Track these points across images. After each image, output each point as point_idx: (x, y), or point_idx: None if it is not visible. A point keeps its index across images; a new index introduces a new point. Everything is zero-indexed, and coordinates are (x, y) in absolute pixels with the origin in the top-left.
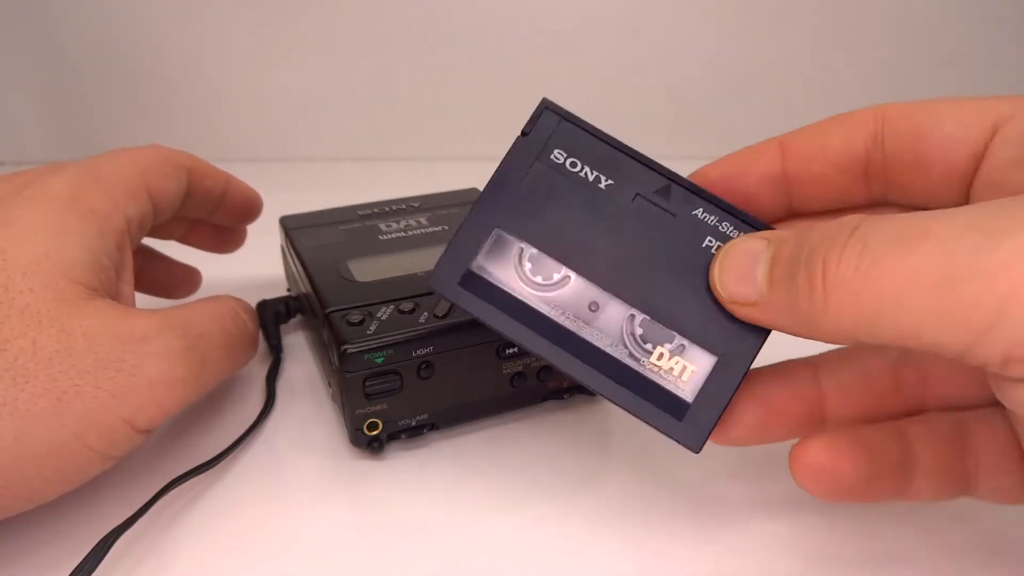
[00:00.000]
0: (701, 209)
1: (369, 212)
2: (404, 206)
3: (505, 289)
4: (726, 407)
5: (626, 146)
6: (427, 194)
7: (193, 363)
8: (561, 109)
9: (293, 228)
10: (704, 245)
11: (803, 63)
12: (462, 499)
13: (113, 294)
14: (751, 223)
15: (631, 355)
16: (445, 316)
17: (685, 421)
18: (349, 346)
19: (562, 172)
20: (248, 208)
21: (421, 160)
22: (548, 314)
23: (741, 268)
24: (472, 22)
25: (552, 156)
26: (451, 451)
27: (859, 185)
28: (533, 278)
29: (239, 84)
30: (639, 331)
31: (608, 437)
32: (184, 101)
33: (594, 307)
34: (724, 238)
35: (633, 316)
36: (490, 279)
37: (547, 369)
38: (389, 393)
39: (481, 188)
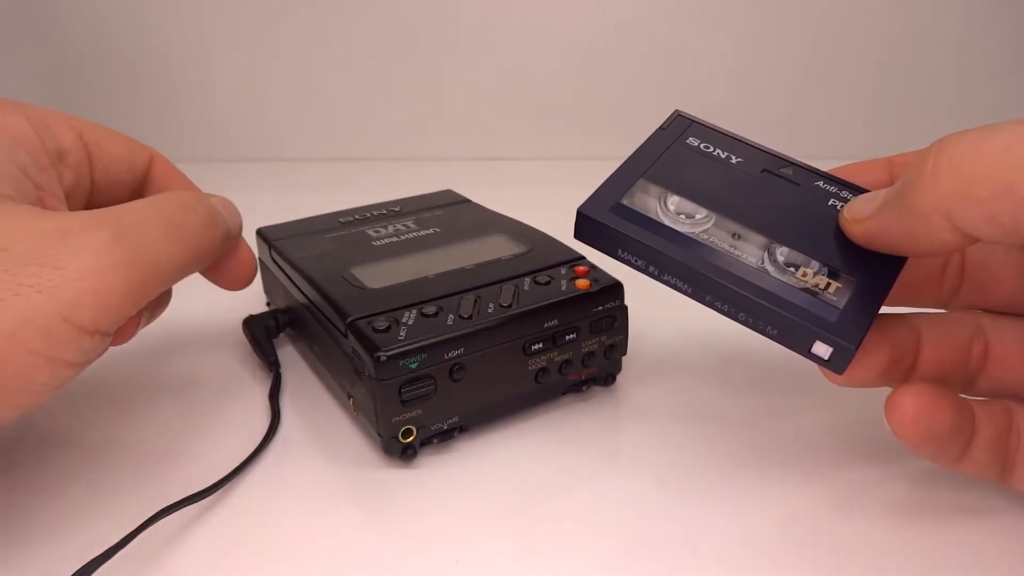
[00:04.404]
0: (822, 182)
1: (351, 219)
2: (385, 211)
3: (652, 218)
4: (875, 317)
5: (749, 139)
6: (403, 198)
7: (126, 250)
8: (691, 116)
9: (277, 239)
10: (829, 204)
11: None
12: (495, 498)
13: (34, 204)
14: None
15: (777, 271)
16: (471, 317)
17: (836, 325)
18: (382, 352)
19: (697, 151)
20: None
21: (375, 161)
22: (693, 236)
23: (863, 199)
24: (432, 27)
25: (687, 141)
26: (478, 452)
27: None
28: (677, 216)
29: (240, 85)
30: (780, 259)
31: (625, 424)
32: (183, 102)
33: (736, 236)
34: (846, 201)
35: (773, 248)
36: (638, 210)
37: (568, 363)
38: (423, 398)
39: (451, 188)
